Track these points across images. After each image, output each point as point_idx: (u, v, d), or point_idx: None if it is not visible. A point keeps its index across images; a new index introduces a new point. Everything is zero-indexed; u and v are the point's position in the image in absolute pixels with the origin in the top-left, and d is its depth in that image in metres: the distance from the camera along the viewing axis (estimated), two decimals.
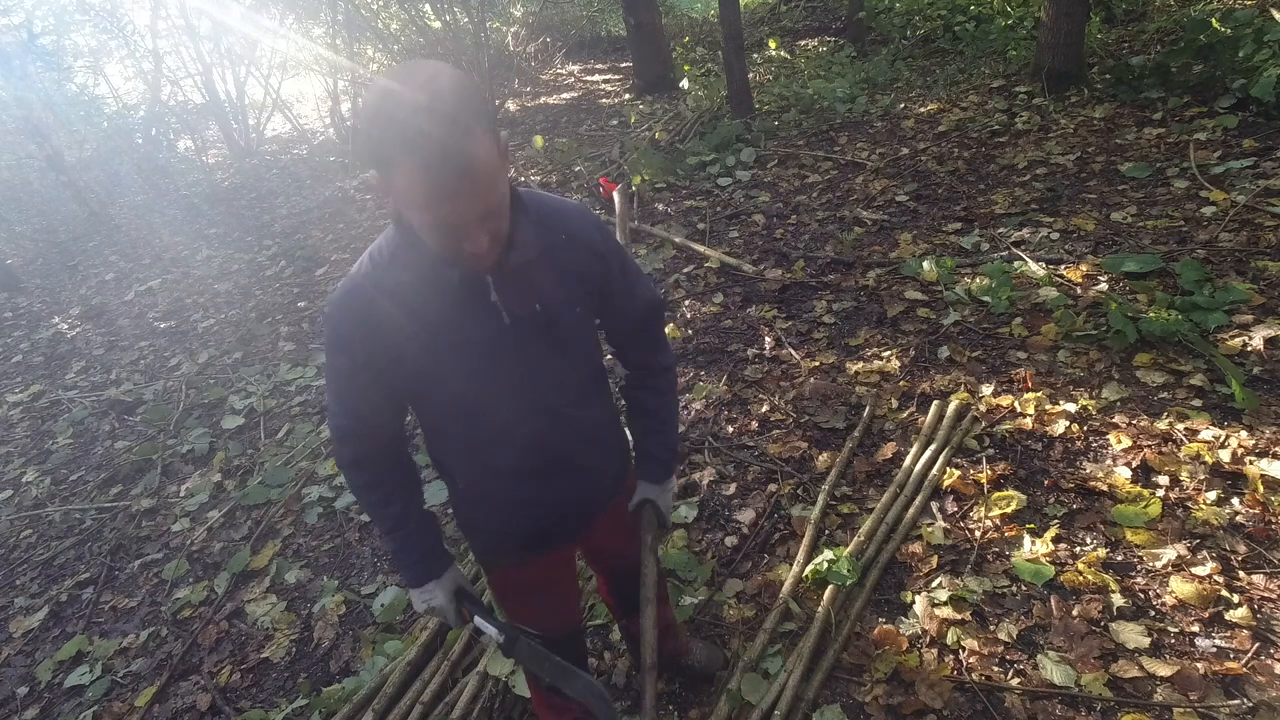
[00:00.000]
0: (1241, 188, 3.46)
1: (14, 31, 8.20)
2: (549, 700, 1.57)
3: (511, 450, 1.16)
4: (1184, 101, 4.49)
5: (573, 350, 1.16)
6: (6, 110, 8.58)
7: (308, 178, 8.32)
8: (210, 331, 5.00)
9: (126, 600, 2.77)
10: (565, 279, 1.11)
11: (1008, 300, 3.09)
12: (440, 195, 0.85)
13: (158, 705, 2.29)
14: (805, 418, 2.79)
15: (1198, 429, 2.28)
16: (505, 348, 1.07)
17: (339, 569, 2.66)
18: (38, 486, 3.62)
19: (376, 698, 2.02)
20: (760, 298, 3.69)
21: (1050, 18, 5.03)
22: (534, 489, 1.22)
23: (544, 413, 1.15)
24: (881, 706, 1.76)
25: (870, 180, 4.70)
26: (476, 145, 0.85)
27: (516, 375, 1.10)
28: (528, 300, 1.07)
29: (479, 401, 1.11)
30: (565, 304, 1.11)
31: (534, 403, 1.13)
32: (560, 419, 1.17)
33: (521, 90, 10.18)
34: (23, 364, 5.26)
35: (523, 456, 1.17)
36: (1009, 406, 2.58)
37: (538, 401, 1.14)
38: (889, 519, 2.23)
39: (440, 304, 1.02)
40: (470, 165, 0.84)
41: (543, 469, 1.20)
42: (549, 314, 1.09)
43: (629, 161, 5.75)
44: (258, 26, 9.02)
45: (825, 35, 9.06)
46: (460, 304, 1.03)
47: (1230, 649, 1.71)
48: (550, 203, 1.12)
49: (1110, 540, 2.03)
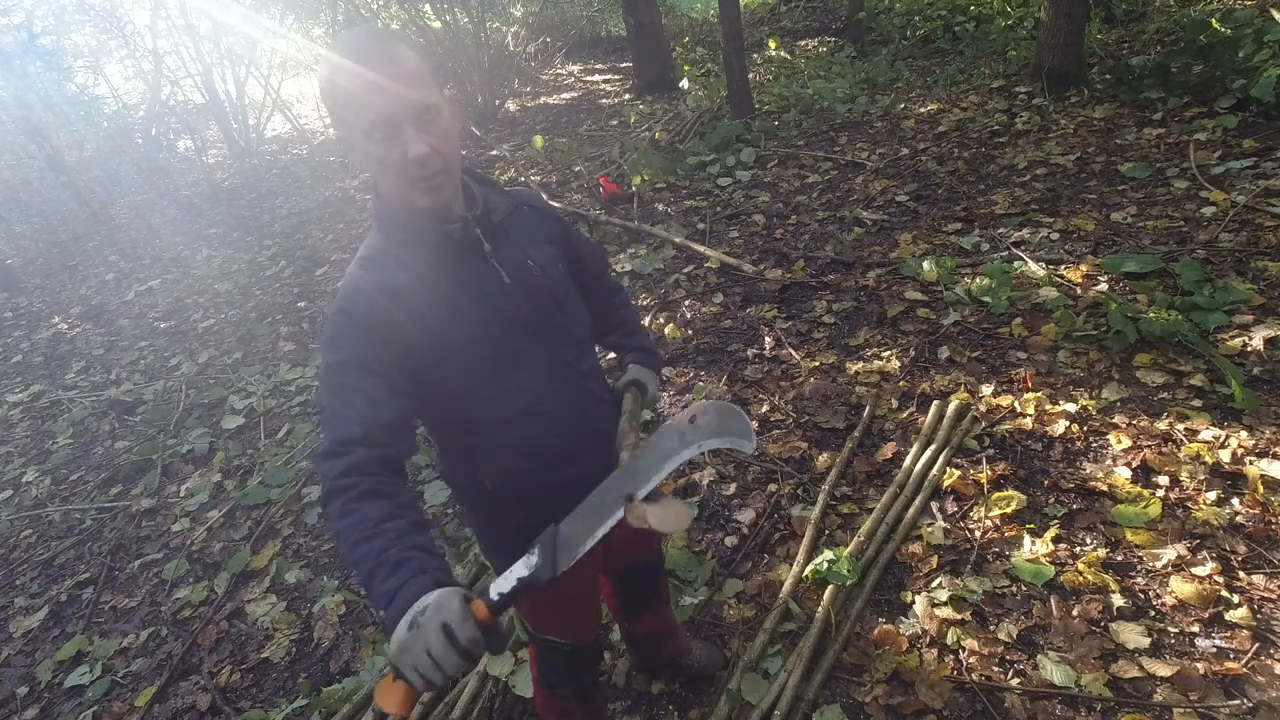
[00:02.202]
0: (1241, 188, 3.46)
1: (14, 31, 8.20)
2: (552, 700, 1.57)
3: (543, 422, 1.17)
4: (1184, 102, 4.49)
5: (569, 305, 1.23)
6: (6, 110, 8.58)
7: (308, 178, 8.33)
8: (210, 331, 5.01)
9: (126, 600, 2.77)
10: (540, 240, 1.22)
11: (1008, 300, 3.09)
12: (373, 86, 0.94)
13: (158, 705, 2.29)
14: (805, 418, 2.79)
15: (1198, 429, 2.28)
16: (513, 308, 1.11)
17: (339, 569, 2.66)
18: (38, 486, 3.63)
19: None
20: (760, 298, 3.69)
21: (1050, 18, 5.03)
22: (573, 466, 1.21)
23: (562, 369, 1.18)
24: (881, 706, 1.76)
25: (870, 180, 4.70)
26: (402, 46, 0.98)
27: (533, 336, 1.14)
28: (520, 257, 1.15)
29: (501, 368, 1.11)
30: (551, 261, 1.21)
31: (552, 359, 1.16)
32: (577, 375, 1.21)
33: (521, 90, 10.18)
34: (23, 364, 5.26)
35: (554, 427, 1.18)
36: (1009, 406, 2.58)
37: (556, 357, 1.17)
38: (889, 519, 2.23)
39: (440, 281, 1.07)
40: (395, 56, 0.96)
41: (574, 443, 1.21)
42: (541, 269, 1.17)
43: (629, 161, 5.75)
44: (258, 26, 9.02)
45: (825, 35, 9.06)
46: (461, 267, 1.09)
47: (1230, 649, 1.71)
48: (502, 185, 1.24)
49: (1110, 540, 2.03)
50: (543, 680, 1.54)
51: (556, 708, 1.57)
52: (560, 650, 1.44)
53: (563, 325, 1.20)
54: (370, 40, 0.98)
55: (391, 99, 0.95)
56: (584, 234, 1.41)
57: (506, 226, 1.16)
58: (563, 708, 1.56)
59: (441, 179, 1.02)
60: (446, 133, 1.01)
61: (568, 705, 1.55)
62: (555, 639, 1.41)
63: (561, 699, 1.54)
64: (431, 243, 1.07)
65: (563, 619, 1.40)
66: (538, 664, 1.53)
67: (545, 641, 1.43)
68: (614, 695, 1.95)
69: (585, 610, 1.45)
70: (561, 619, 1.40)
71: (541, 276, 1.17)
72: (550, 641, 1.42)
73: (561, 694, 1.53)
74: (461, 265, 1.09)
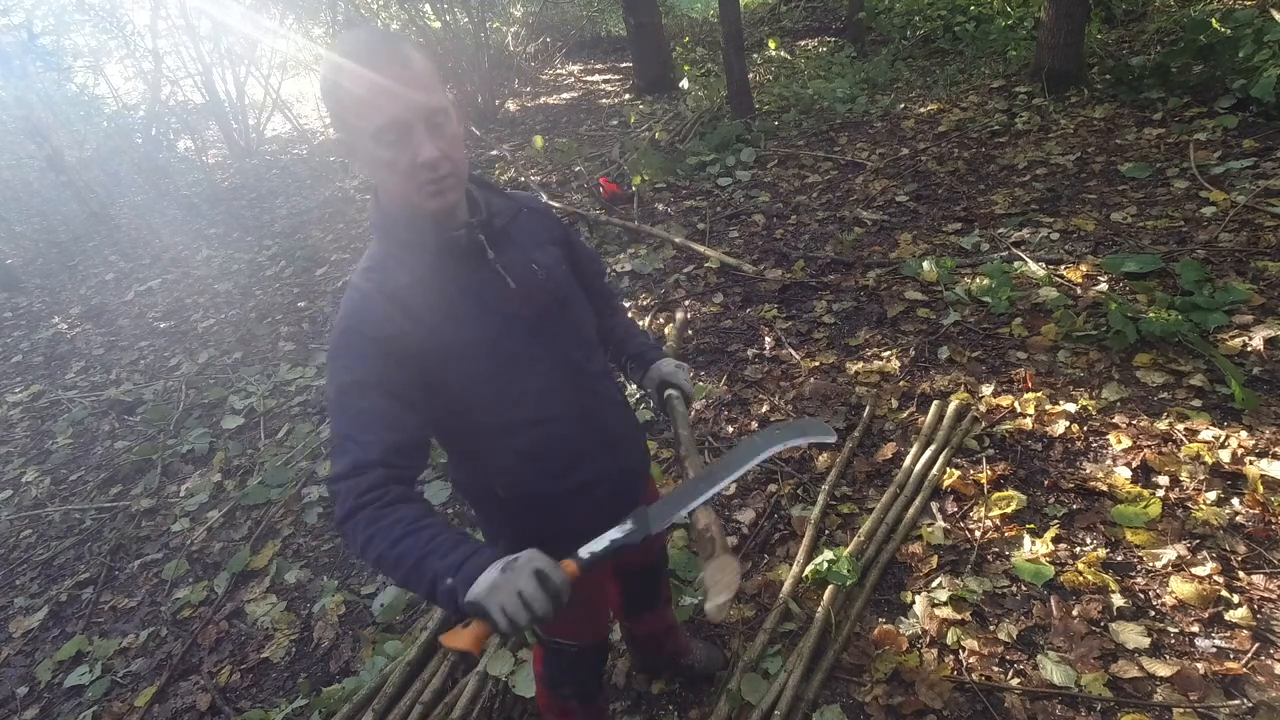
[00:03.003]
0: (1241, 188, 3.46)
1: (14, 31, 8.20)
2: (554, 699, 1.57)
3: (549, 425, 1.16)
4: (1184, 102, 4.49)
5: (575, 307, 1.24)
6: (6, 110, 8.58)
7: (308, 178, 8.33)
8: (210, 331, 5.01)
9: (126, 600, 2.77)
10: (544, 243, 1.22)
11: (1008, 300, 3.09)
12: (382, 90, 0.94)
13: (158, 705, 2.29)
14: (805, 418, 2.79)
15: (1198, 429, 2.28)
16: (519, 312, 1.12)
17: (339, 569, 2.66)
18: (38, 486, 3.63)
19: (376, 698, 2.02)
20: (760, 298, 3.69)
21: (1050, 18, 5.03)
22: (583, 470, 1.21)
23: (570, 371, 1.18)
24: (881, 706, 1.76)
25: (870, 180, 4.70)
26: (410, 48, 0.98)
27: (537, 339, 1.14)
28: (524, 260, 1.15)
29: (504, 371, 1.12)
30: (555, 263, 1.21)
31: (558, 361, 1.17)
32: (586, 377, 1.22)
33: (521, 90, 10.18)
34: (23, 364, 5.26)
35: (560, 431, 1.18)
36: (1009, 406, 2.58)
37: (562, 359, 1.17)
38: (889, 519, 2.23)
39: (442, 285, 1.07)
40: (406, 58, 0.96)
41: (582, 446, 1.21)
42: (545, 272, 1.18)
43: (629, 161, 5.75)
44: (258, 26, 9.02)
45: (825, 35, 9.06)
46: (463, 273, 1.09)
47: (1230, 649, 1.71)
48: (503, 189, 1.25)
49: (1110, 540, 2.03)
50: (547, 680, 1.54)
51: (558, 707, 1.57)
52: (567, 652, 1.44)
53: (569, 327, 1.20)
54: (379, 42, 0.97)
55: (403, 102, 0.94)
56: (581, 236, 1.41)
57: (509, 230, 1.15)
58: (564, 707, 1.56)
59: (450, 182, 1.01)
60: (455, 136, 1.01)
61: (569, 705, 1.56)
62: (564, 641, 1.42)
63: (563, 699, 1.55)
64: (434, 248, 1.07)
65: (575, 622, 1.39)
66: (543, 664, 1.53)
67: (554, 644, 1.43)
68: (614, 695, 1.96)
69: (596, 613, 1.46)
70: (573, 622, 1.39)
71: (546, 279, 1.17)
72: (559, 644, 1.43)
73: (564, 694, 1.54)
74: (464, 270, 1.09)
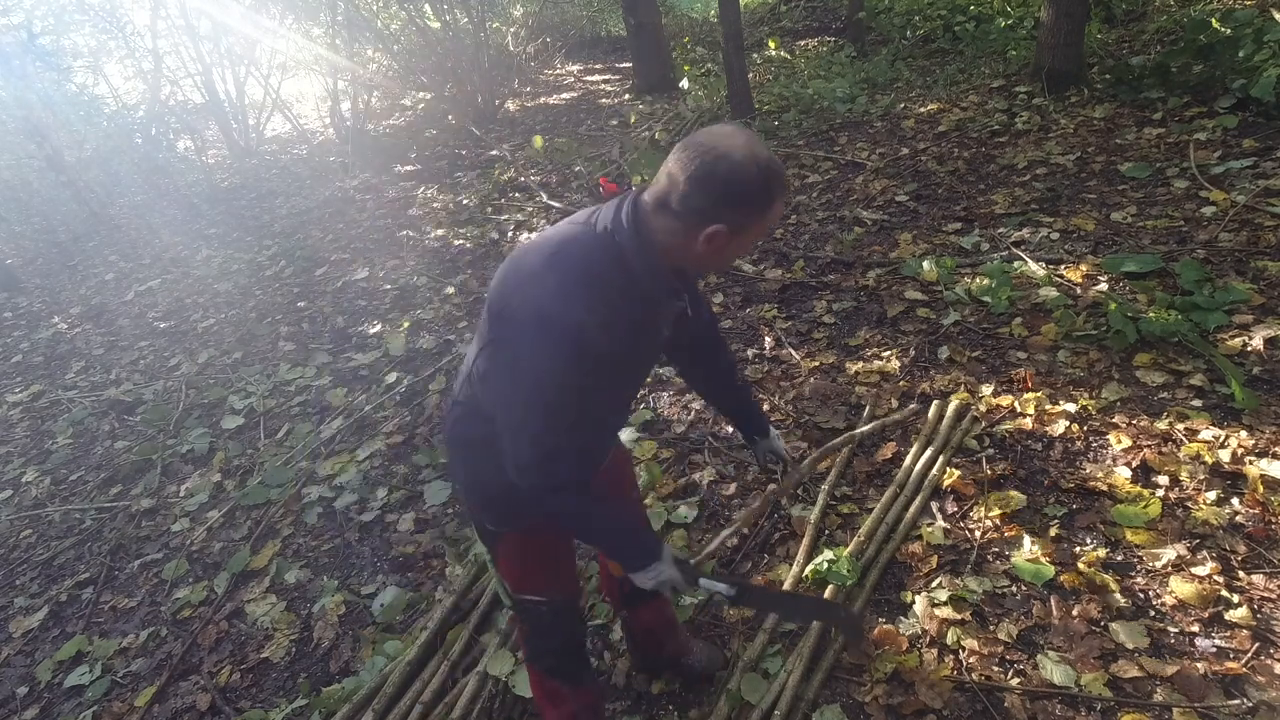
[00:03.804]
0: (1241, 188, 3.46)
1: (14, 31, 8.19)
2: (543, 680, 1.59)
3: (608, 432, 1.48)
4: (1184, 101, 4.49)
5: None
6: (6, 110, 8.56)
7: (308, 178, 8.32)
8: (210, 331, 5.01)
9: (126, 600, 2.77)
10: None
11: (1008, 300, 3.09)
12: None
13: (157, 705, 2.29)
14: (805, 418, 2.79)
15: (1198, 429, 2.28)
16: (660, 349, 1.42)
17: (339, 569, 2.66)
18: (38, 486, 3.63)
19: (376, 698, 2.02)
20: (760, 298, 3.69)
21: (1050, 18, 5.03)
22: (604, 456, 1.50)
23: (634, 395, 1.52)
24: (881, 706, 1.76)
25: (870, 180, 4.70)
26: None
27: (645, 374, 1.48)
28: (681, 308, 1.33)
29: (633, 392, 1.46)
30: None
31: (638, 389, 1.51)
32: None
33: (521, 90, 10.18)
34: (23, 364, 5.26)
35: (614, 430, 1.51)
36: (1009, 406, 2.58)
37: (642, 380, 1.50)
38: (889, 519, 2.23)
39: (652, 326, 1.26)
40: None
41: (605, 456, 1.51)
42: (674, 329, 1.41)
43: (629, 161, 5.75)
44: (258, 26, 9.02)
45: (825, 35, 9.06)
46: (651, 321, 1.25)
47: (1230, 649, 1.71)
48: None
49: (1110, 540, 2.03)
50: (530, 655, 1.59)
51: (548, 689, 1.59)
52: (540, 612, 1.49)
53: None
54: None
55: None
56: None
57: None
58: (555, 690, 1.58)
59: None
60: None
61: (560, 690, 1.57)
62: (534, 597, 1.47)
63: (549, 673, 1.57)
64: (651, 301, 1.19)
65: (539, 574, 1.47)
66: (524, 638, 1.60)
67: (525, 603, 1.49)
68: (614, 695, 1.96)
69: (559, 564, 1.52)
70: (538, 574, 1.47)
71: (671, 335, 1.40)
72: (530, 602, 1.48)
73: (547, 666, 1.57)
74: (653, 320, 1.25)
